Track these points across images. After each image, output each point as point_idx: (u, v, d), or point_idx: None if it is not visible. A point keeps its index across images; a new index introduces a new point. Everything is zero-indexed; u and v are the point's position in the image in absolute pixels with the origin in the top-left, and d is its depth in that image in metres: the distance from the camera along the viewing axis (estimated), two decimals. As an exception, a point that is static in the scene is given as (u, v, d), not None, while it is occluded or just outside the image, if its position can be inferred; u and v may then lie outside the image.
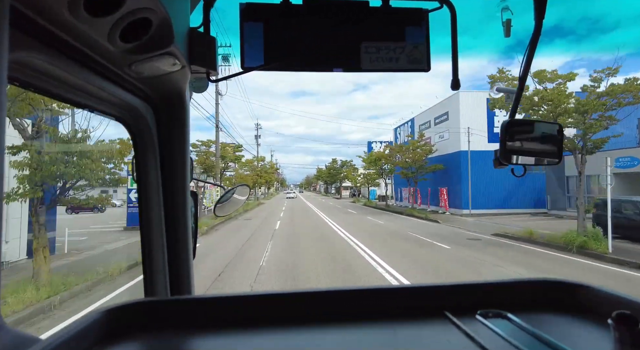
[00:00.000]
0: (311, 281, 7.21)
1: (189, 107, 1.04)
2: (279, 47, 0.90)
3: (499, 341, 0.66)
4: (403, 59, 0.94)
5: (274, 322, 0.77)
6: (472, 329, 0.70)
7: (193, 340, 0.72)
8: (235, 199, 1.59)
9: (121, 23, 0.63)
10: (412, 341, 0.71)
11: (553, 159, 1.06)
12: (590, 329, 0.73)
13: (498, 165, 1.04)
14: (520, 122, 1.11)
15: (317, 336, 0.73)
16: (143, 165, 1.00)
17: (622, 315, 0.61)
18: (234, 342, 0.71)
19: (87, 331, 0.65)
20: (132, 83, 0.85)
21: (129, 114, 0.93)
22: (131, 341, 0.70)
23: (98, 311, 0.71)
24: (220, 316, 0.78)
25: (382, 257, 9.55)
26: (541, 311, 0.80)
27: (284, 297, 0.83)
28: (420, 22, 0.94)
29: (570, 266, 8.86)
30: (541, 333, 0.67)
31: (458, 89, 0.98)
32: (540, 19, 0.93)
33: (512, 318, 0.75)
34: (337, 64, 0.93)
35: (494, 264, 8.95)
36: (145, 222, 1.02)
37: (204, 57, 0.89)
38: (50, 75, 0.64)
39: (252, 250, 10.67)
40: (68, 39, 0.62)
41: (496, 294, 0.87)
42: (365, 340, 0.72)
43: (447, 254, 10.29)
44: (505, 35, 1.13)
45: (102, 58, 0.71)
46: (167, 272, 1.06)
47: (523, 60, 0.99)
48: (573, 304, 0.81)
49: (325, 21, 0.92)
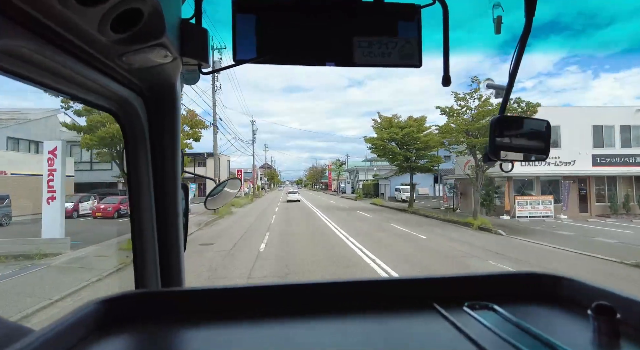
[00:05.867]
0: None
1: (180, 99, 1.03)
2: (272, 39, 0.90)
3: (486, 332, 0.68)
4: (395, 54, 0.94)
5: (264, 314, 0.78)
6: (459, 320, 0.72)
7: (184, 332, 0.73)
8: (226, 192, 1.58)
9: (112, 13, 0.62)
10: (401, 332, 0.72)
11: (541, 154, 1.08)
12: (571, 319, 0.75)
13: (487, 160, 1.06)
14: (510, 119, 1.13)
15: (308, 327, 0.74)
16: (133, 158, 1.00)
17: (601, 306, 0.63)
18: (225, 333, 0.72)
19: (80, 323, 0.66)
20: (123, 74, 0.84)
21: (119, 105, 0.92)
22: (123, 332, 0.70)
23: (90, 303, 0.71)
24: (211, 308, 0.79)
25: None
26: (526, 303, 0.83)
27: (274, 289, 0.84)
28: (413, 17, 0.95)
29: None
30: (526, 324, 0.69)
31: (449, 85, 0.99)
32: (530, 16, 0.94)
33: (498, 309, 0.77)
34: (329, 58, 0.93)
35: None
36: (136, 214, 1.02)
37: (195, 49, 0.88)
38: (38, 65, 0.63)
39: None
40: (57, 28, 0.61)
41: (483, 286, 0.89)
42: (354, 331, 0.73)
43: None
44: (496, 32, 1.14)
45: (92, 48, 0.70)
46: (157, 264, 1.05)
47: (513, 57, 1.00)
48: (556, 296, 0.84)
49: (318, 14, 0.92)
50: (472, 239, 12.94)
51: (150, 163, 1.02)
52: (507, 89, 1.10)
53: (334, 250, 10.44)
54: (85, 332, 0.67)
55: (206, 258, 9.23)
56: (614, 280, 7.54)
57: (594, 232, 15.02)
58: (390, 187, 40.05)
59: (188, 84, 1.10)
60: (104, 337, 0.67)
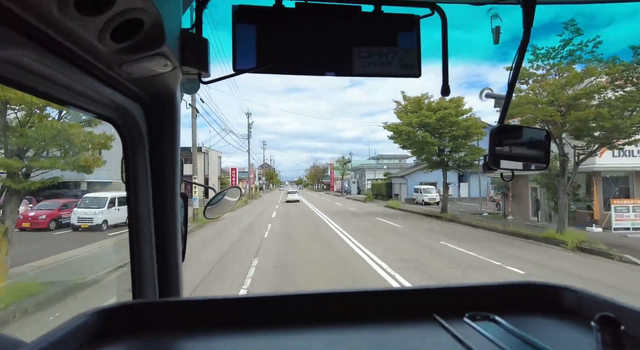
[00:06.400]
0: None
1: (179, 108, 1.03)
2: (271, 49, 0.91)
3: (487, 344, 0.67)
4: (394, 64, 0.95)
5: (263, 324, 0.77)
6: (460, 332, 0.71)
7: (181, 342, 0.72)
8: (226, 201, 1.58)
9: (112, 23, 0.62)
10: (402, 343, 0.71)
11: (540, 164, 1.08)
12: (574, 331, 0.74)
13: (487, 170, 1.05)
14: (509, 128, 1.13)
15: (307, 338, 0.73)
16: (133, 167, 1.00)
17: (605, 318, 0.62)
18: (222, 344, 0.71)
19: (75, 333, 0.65)
20: (123, 83, 0.85)
21: (119, 114, 0.93)
22: (119, 343, 0.69)
23: (86, 313, 0.70)
24: (209, 318, 0.78)
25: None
26: (528, 314, 0.82)
27: (274, 299, 0.83)
28: (412, 28, 0.95)
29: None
30: (528, 335, 0.68)
31: (448, 94, 0.99)
32: (528, 27, 0.95)
33: (499, 321, 0.76)
34: (329, 68, 0.93)
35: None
36: (134, 223, 1.01)
37: (195, 59, 0.88)
38: (38, 74, 0.63)
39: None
40: (58, 37, 0.61)
41: (484, 297, 0.87)
42: (354, 342, 0.72)
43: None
44: (495, 42, 1.15)
45: (93, 58, 0.71)
46: (155, 274, 1.04)
47: (512, 66, 1.01)
48: (559, 307, 0.83)
49: (317, 25, 0.93)
50: (600, 274, 7.65)
51: (149, 172, 1.01)
52: (506, 98, 1.10)
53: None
54: (81, 343, 0.65)
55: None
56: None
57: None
58: (408, 187, 35.15)
59: (188, 93, 1.11)
60: (99, 347, 0.66)
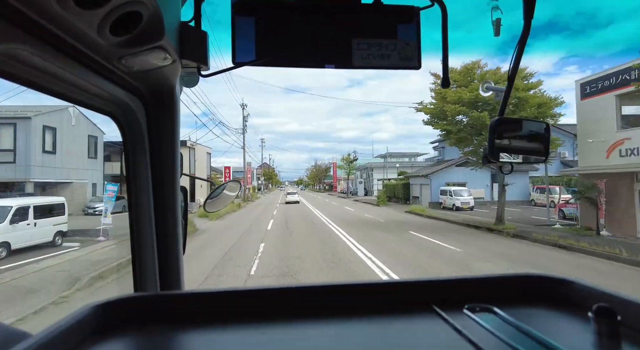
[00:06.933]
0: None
1: (179, 102, 1.03)
2: (271, 42, 0.90)
3: (486, 335, 0.68)
4: (394, 56, 0.94)
5: (264, 316, 0.77)
6: (459, 323, 0.72)
7: (183, 335, 0.72)
8: (226, 195, 1.58)
9: (111, 16, 0.62)
10: (401, 335, 0.72)
11: (540, 156, 1.08)
12: (572, 321, 0.75)
13: (486, 162, 1.06)
14: (509, 121, 1.13)
15: (307, 330, 0.74)
16: (132, 161, 1.00)
17: (602, 309, 0.63)
18: (223, 336, 0.72)
19: (78, 326, 0.65)
20: (122, 77, 0.84)
21: (118, 108, 0.92)
22: (121, 336, 0.70)
23: (88, 306, 0.70)
24: (210, 311, 0.79)
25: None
26: (526, 305, 0.82)
27: (274, 292, 0.84)
28: (412, 19, 0.95)
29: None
30: (526, 326, 0.69)
31: (448, 87, 0.99)
32: (529, 19, 0.94)
33: (498, 312, 0.76)
34: (328, 60, 0.93)
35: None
36: (134, 217, 1.02)
37: (195, 52, 0.88)
38: (37, 68, 0.63)
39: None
40: (56, 31, 0.60)
41: (483, 288, 0.88)
42: (354, 334, 0.73)
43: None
44: (495, 34, 1.14)
45: (92, 51, 0.70)
46: (156, 267, 1.05)
47: (512, 59, 1.00)
48: (556, 298, 0.84)
49: (317, 17, 0.92)
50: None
51: (149, 165, 1.01)
52: (506, 90, 1.10)
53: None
54: (83, 336, 0.66)
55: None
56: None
57: None
58: (432, 189, 28.32)
59: (187, 87, 1.10)
60: (101, 341, 0.67)
